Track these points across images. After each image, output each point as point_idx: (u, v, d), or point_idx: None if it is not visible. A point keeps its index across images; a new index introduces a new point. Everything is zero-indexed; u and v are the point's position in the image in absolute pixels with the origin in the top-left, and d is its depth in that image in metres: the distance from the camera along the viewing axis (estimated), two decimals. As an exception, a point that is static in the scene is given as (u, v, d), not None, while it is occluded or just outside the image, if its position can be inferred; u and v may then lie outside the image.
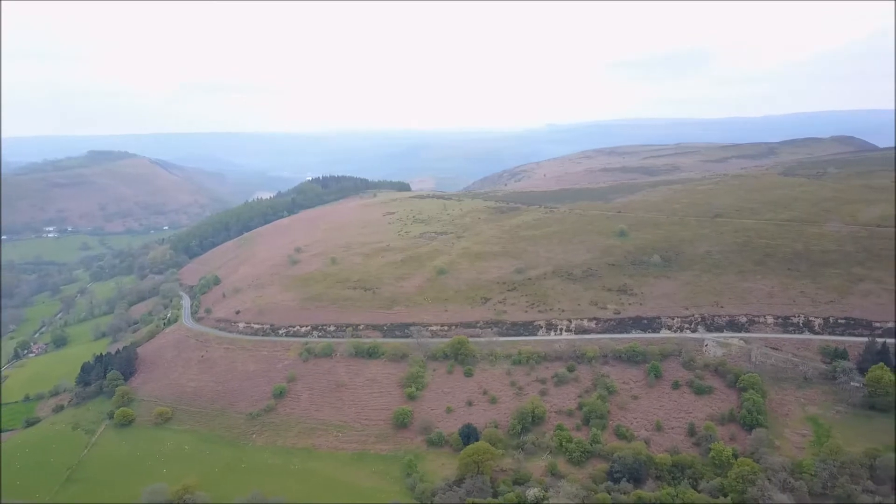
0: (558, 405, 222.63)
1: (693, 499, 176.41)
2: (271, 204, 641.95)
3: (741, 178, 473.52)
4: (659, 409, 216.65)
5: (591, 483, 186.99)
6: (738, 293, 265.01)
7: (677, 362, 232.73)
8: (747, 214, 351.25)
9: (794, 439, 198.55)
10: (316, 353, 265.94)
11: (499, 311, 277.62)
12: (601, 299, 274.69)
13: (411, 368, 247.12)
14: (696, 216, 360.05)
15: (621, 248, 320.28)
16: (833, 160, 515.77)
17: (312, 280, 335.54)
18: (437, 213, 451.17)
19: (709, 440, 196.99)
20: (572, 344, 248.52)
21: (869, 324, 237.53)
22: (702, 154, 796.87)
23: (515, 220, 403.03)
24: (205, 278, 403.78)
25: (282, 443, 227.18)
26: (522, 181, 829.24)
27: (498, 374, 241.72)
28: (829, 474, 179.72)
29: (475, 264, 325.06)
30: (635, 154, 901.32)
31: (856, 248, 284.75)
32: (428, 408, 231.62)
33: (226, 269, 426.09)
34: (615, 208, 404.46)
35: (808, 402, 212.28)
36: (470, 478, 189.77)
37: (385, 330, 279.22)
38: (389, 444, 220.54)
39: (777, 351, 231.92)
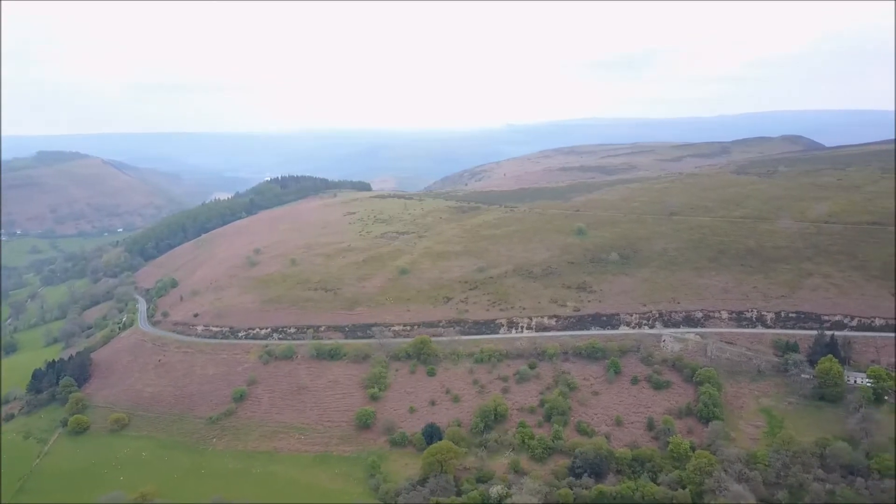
0: (520, 402, 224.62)
1: (653, 492, 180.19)
2: (229, 205, 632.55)
3: (696, 176, 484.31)
4: (619, 404, 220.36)
5: (553, 479, 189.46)
6: (693, 289, 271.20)
7: (636, 358, 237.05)
8: (702, 212, 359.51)
9: (749, 431, 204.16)
10: (276, 356, 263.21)
11: (461, 310, 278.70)
12: (561, 297, 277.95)
13: (374, 369, 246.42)
14: (653, 214, 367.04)
15: (580, 247, 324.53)
16: (783, 159, 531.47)
17: (272, 281, 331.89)
18: (398, 212, 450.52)
19: (667, 434, 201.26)
20: (533, 341, 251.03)
21: (818, 317, 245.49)
22: (658, 153, 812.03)
23: (476, 219, 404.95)
24: (161, 281, 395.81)
25: (242, 447, 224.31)
26: (483, 181, 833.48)
27: (460, 372, 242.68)
28: (782, 464, 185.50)
29: (437, 264, 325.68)
30: (593, 153, 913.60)
31: (805, 245, 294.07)
32: (391, 408, 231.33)
33: (183, 271, 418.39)
34: (574, 207, 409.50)
35: (762, 394, 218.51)
36: (433, 477, 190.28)
37: (347, 331, 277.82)
38: (352, 445, 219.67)
39: (732, 345, 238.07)
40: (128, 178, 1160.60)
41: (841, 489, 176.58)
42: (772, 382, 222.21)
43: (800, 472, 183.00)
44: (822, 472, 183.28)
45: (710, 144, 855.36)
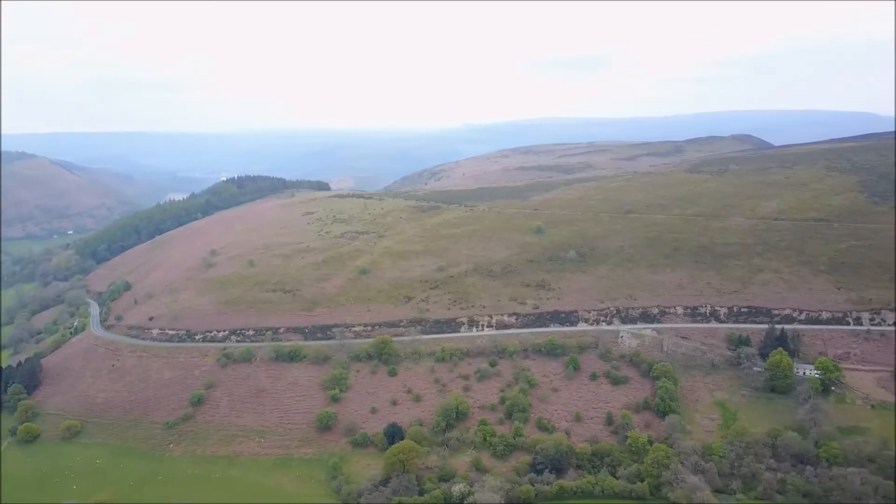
0: (481, 400, 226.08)
1: (612, 485, 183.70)
2: (185, 205, 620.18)
3: (650, 175, 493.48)
4: (578, 400, 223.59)
5: (514, 476, 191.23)
6: (649, 286, 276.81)
7: (594, 354, 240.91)
8: (657, 210, 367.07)
9: (704, 423, 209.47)
10: (235, 358, 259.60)
11: (422, 310, 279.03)
12: (520, 295, 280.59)
13: (334, 370, 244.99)
14: (609, 213, 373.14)
15: (539, 245, 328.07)
16: (734, 158, 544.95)
17: (229, 283, 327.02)
18: (357, 212, 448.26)
19: (626, 428, 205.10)
20: (494, 339, 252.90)
21: (768, 311, 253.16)
22: (613, 152, 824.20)
23: (436, 218, 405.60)
24: (115, 284, 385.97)
25: (201, 451, 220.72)
26: (442, 180, 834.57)
27: (422, 371, 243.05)
28: (735, 455, 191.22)
29: (398, 263, 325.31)
30: (550, 153, 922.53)
31: (755, 241, 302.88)
32: (352, 409, 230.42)
33: (137, 273, 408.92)
34: (532, 206, 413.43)
35: (716, 387, 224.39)
36: (396, 477, 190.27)
37: (306, 332, 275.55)
38: (313, 447, 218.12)
39: (687, 340, 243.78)
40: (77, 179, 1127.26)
41: (791, 478, 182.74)
42: (725, 376, 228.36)
43: (753, 462, 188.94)
44: (773, 461, 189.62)
45: (664, 144, 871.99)
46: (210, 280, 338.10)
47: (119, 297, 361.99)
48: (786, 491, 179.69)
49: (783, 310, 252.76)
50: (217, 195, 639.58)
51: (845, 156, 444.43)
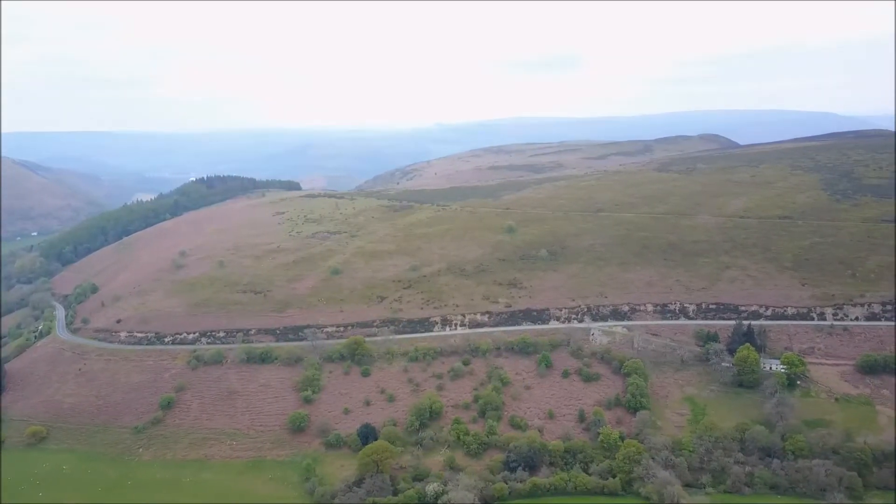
0: (455, 399, 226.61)
1: (584, 482, 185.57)
2: (153, 206, 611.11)
3: (620, 174, 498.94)
4: (551, 397, 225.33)
5: (488, 474, 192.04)
6: (620, 283, 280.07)
7: (566, 351, 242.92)
8: (626, 208, 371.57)
9: (674, 419, 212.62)
10: (205, 361, 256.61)
11: (395, 310, 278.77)
12: (493, 294, 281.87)
13: (307, 371, 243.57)
14: (580, 211, 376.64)
15: (510, 244, 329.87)
16: (701, 157, 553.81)
17: (199, 284, 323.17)
18: (329, 212, 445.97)
19: (598, 425, 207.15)
20: (467, 338, 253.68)
21: (736, 308, 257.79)
22: (583, 152, 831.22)
23: (409, 218, 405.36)
24: (81, 287, 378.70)
25: (171, 456, 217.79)
26: (414, 179, 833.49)
27: (395, 371, 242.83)
28: (705, 449, 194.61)
29: (370, 263, 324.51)
30: (521, 152, 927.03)
31: (723, 238, 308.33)
32: (325, 410, 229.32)
33: (104, 276, 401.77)
34: (504, 205, 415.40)
35: (686, 383, 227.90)
36: (370, 477, 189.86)
37: (278, 334, 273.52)
38: (286, 449, 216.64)
39: (657, 337, 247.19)
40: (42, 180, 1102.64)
41: (759, 471, 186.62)
42: (694, 371, 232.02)
43: (721, 456, 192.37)
44: (741, 455, 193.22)
45: (633, 143, 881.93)
46: (179, 281, 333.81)
47: (85, 299, 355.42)
48: (754, 484, 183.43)
49: (750, 306, 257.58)
50: (186, 195, 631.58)
51: (808, 155, 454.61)
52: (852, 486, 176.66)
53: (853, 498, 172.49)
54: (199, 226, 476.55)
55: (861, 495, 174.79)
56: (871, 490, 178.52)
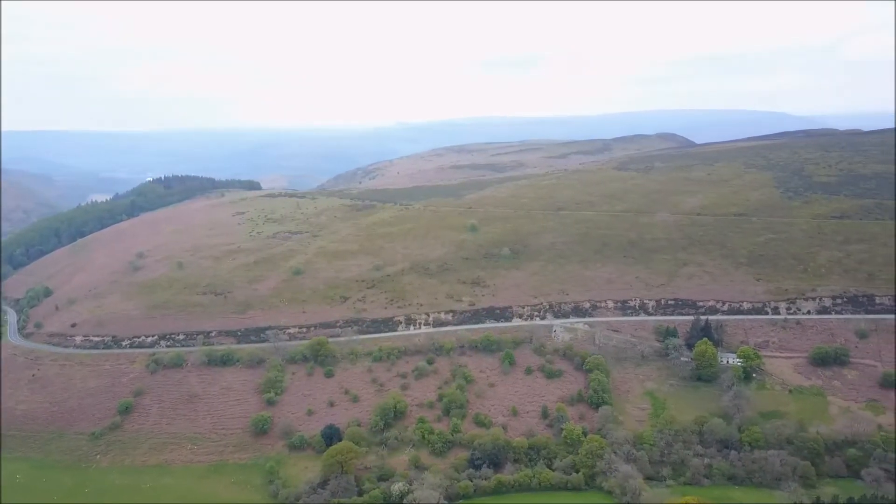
0: (419, 398, 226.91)
1: (548, 478, 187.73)
2: (108, 207, 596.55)
3: (580, 173, 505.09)
4: (514, 394, 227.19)
5: (453, 472, 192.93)
6: (581, 281, 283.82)
7: (529, 349, 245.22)
8: (586, 207, 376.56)
9: (635, 413, 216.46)
10: (165, 364, 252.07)
11: (358, 309, 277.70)
12: (456, 292, 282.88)
13: (269, 373, 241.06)
14: (541, 210, 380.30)
15: (473, 242, 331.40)
16: (659, 155, 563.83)
17: (158, 286, 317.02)
18: (290, 212, 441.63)
19: (561, 421, 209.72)
20: (431, 337, 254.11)
21: (694, 303, 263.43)
22: (544, 151, 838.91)
23: (372, 217, 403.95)
24: (33, 290, 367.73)
25: (130, 462, 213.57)
26: (377, 179, 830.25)
27: (359, 372, 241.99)
28: (665, 443, 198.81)
29: (333, 263, 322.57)
30: (483, 151, 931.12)
31: (680, 236, 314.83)
32: (288, 412, 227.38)
33: (58, 278, 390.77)
34: (466, 204, 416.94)
35: (646, 378, 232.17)
36: (334, 478, 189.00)
37: (239, 335, 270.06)
38: (249, 452, 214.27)
39: (617, 333, 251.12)
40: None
41: (717, 462, 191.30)
42: (654, 366, 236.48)
43: (681, 449, 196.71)
44: (700, 447, 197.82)
45: (592, 142, 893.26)
46: (137, 284, 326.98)
47: (38, 303, 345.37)
48: (712, 475, 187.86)
49: (707, 301, 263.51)
50: (143, 196, 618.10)
51: (761, 153, 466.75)
52: (806, 475, 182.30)
53: (807, 486, 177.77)
54: (157, 227, 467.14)
55: (814, 483, 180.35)
56: (823, 478, 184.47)
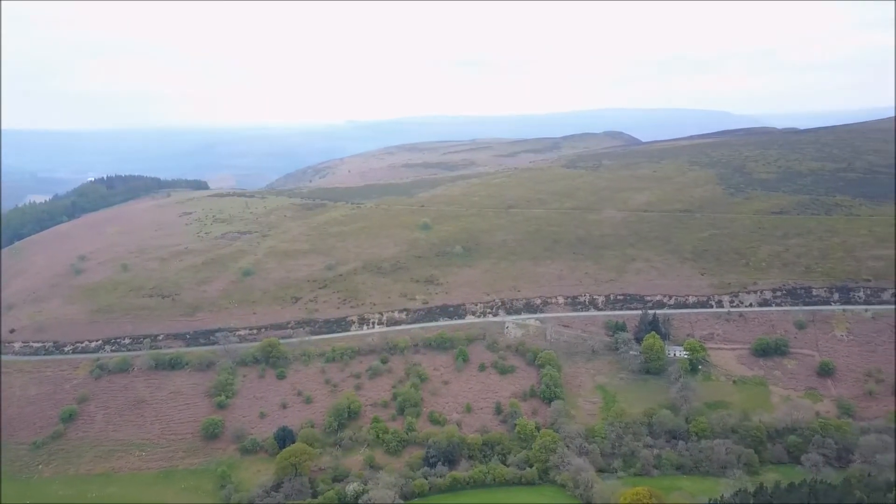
0: (373, 398, 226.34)
1: (503, 473, 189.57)
2: (47, 208, 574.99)
3: (530, 171, 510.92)
4: (468, 391, 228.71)
5: (408, 471, 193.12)
6: (532, 277, 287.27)
7: (482, 345, 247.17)
8: (537, 204, 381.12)
9: (587, 407, 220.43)
10: (110, 369, 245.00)
11: (310, 310, 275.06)
12: (410, 291, 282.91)
13: (219, 376, 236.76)
14: (493, 208, 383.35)
15: (426, 241, 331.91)
16: (606, 153, 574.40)
17: (101, 290, 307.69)
18: (239, 211, 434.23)
19: (514, 416, 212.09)
20: (385, 336, 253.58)
21: (642, 298, 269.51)
22: (495, 149, 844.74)
23: (323, 216, 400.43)
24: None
25: (74, 471, 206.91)
26: (327, 177, 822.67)
27: (312, 373, 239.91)
28: (616, 435, 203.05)
29: (283, 263, 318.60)
30: (435, 150, 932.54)
31: (628, 232, 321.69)
32: (240, 415, 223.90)
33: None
34: (419, 203, 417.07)
35: (597, 372, 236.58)
36: (288, 481, 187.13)
37: (188, 338, 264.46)
38: (199, 457, 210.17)
39: (568, 328, 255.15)
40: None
41: (666, 452, 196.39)
42: (605, 360, 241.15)
43: (631, 440, 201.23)
44: (650, 439, 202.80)
45: (541, 140, 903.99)
46: (79, 287, 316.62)
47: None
48: (661, 465, 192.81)
49: (654, 296, 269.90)
50: (84, 197, 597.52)
51: (704, 151, 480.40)
52: (750, 463, 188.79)
53: (751, 473, 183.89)
54: (100, 228, 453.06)
55: (758, 470, 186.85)
56: (766, 465, 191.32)
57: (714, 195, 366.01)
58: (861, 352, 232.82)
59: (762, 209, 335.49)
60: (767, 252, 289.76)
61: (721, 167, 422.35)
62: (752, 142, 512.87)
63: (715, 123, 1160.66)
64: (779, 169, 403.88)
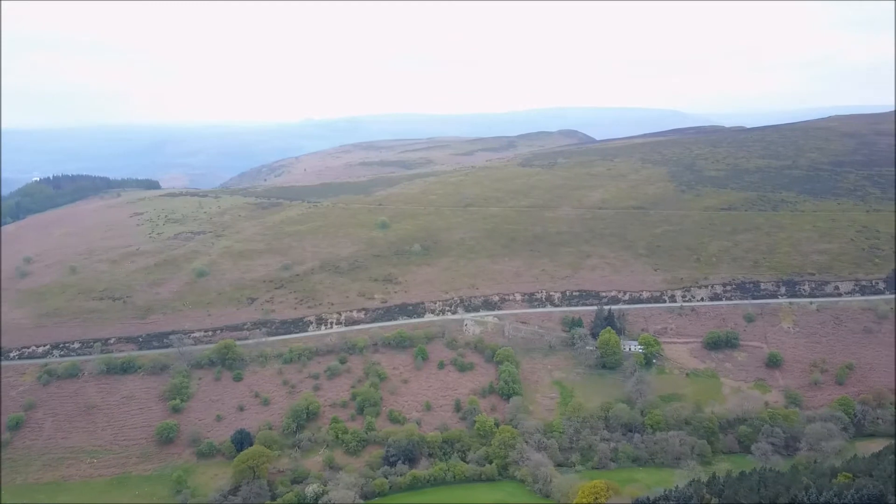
0: (332, 398, 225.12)
1: (463, 470, 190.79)
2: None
3: (487, 169, 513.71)
4: (427, 389, 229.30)
5: (368, 470, 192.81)
6: (490, 275, 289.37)
7: (441, 343, 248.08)
8: (494, 203, 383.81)
9: (545, 402, 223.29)
10: (59, 375, 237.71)
11: (267, 311, 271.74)
12: (368, 290, 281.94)
13: (174, 380, 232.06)
14: (450, 206, 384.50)
15: (384, 240, 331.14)
16: (561, 152, 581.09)
17: (49, 293, 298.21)
18: (192, 211, 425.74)
19: (473, 413, 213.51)
20: (343, 336, 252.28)
21: (597, 294, 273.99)
22: (452, 148, 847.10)
23: (279, 215, 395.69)
24: None
25: (22, 480, 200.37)
26: (283, 176, 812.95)
27: (269, 374, 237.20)
28: (573, 430, 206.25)
29: (238, 263, 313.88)
30: (391, 148, 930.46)
31: (583, 229, 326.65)
32: (196, 419, 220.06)
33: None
34: (376, 201, 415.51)
35: (554, 367, 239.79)
36: (246, 484, 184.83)
37: (141, 341, 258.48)
38: (154, 462, 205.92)
39: (526, 324, 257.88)
40: None
41: (622, 445, 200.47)
42: (562, 356, 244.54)
43: (589, 435, 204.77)
44: (606, 432, 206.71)
45: (498, 139, 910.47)
46: (25, 291, 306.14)
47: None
48: (618, 458, 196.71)
49: (609, 292, 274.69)
50: (29, 197, 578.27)
51: (657, 149, 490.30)
52: (703, 453, 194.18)
53: (704, 463, 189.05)
54: (46, 230, 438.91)
55: (710, 460, 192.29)
56: (718, 455, 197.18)
57: (666, 192, 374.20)
58: (806, 343, 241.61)
59: (712, 206, 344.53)
60: (717, 248, 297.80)
61: (673, 165, 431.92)
62: (702, 140, 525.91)
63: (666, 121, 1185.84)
64: (727, 166, 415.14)
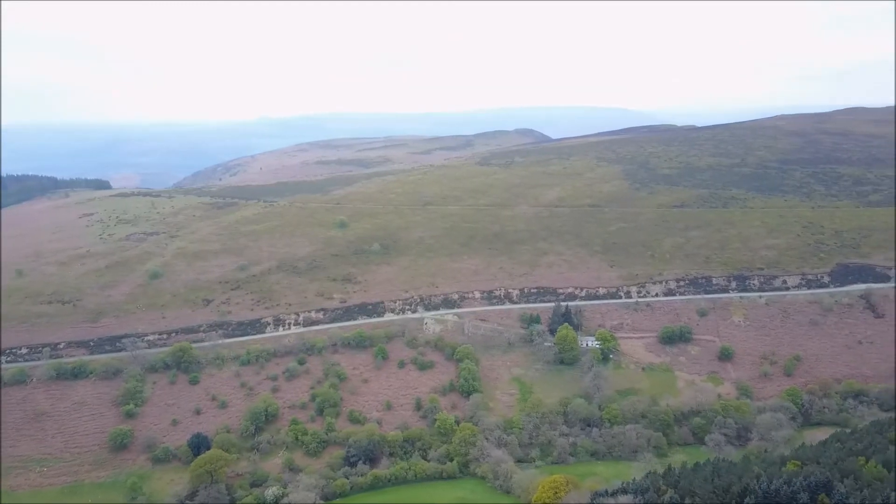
0: (291, 399, 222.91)
1: (424, 469, 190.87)
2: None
3: (445, 168, 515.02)
4: (388, 388, 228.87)
5: (329, 471, 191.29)
6: (449, 273, 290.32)
7: (401, 342, 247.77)
8: (452, 201, 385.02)
9: (505, 399, 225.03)
10: (5, 382, 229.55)
11: (223, 312, 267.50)
12: (327, 290, 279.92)
13: (127, 384, 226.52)
14: (409, 205, 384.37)
15: (343, 239, 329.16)
16: (518, 150, 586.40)
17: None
18: (145, 211, 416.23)
19: (434, 411, 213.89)
20: (302, 337, 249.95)
21: (554, 290, 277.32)
22: (410, 147, 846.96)
23: (234, 215, 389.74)
24: None
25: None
26: (238, 175, 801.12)
27: (226, 377, 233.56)
28: (533, 425, 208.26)
29: (193, 264, 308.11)
30: (349, 147, 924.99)
31: (540, 227, 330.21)
32: (151, 423, 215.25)
33: None
34: (334, 200, 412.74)
35: (513, 364, 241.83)
36: (204, 488, 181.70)
37: (92, 346, 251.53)
38: (107, 469, 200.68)
39: (485, 322, 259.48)
40: None
41: (581, 440, 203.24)
42: (521, 353, 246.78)
43: (548, 430, 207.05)
44: (565, 427, 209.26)
45: (456, 138, 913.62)
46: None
47: None
48: (577, 453, 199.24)
49: (566, 288, 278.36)
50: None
51: (611, 148, 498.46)
52: (658, 445, 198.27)
53: (660, 455, 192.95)
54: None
55: (666, 452, 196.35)
56: (673, 447, 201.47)
57: (621, 190, 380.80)
58: (756, 336, 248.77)
59: (665, 203, 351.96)
60: (671, 244, 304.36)
61: (627, 163, 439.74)
62: (655, 138, 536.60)
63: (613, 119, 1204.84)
64: (679, 164, 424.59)
